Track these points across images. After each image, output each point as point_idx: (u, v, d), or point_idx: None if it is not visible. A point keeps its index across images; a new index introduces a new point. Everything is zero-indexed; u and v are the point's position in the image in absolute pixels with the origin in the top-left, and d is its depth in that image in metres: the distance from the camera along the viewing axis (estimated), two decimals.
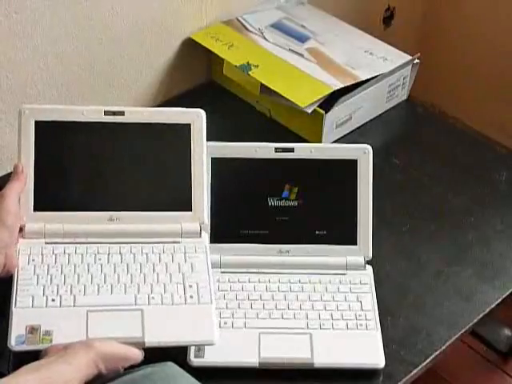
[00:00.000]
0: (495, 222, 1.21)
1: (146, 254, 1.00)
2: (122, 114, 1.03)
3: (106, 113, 1.02)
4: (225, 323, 0.99)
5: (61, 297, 0.93)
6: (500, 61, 1.78)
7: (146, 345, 0.90)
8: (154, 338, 0.91)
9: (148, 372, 0.89)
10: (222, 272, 1.04)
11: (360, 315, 1.01)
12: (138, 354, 0.90)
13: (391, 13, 1.80)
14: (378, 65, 1.37)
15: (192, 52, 1.43)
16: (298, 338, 0.98)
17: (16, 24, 1.18)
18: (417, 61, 1.41)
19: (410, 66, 1.41)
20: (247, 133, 1.31)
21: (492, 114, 1.79)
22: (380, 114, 1.42)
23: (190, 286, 0.96)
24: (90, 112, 1.02)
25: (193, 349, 0.96)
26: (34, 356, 0.86)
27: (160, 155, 1.03)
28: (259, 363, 0.96)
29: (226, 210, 1.06)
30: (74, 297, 0.94)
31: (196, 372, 0.93)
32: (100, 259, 0.98)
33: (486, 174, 1.30)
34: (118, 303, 0.94)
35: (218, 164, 1.05)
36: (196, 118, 1.04)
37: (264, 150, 1.07)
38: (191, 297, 0.95)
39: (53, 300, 0.93)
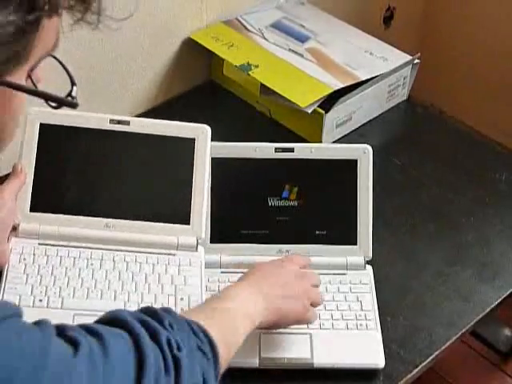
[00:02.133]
0: (495, 222, 1.21)
1: (140, 264, 0.99)
2: (127, 123, 1.03)
3: (112, 121, 1.02)
4: None
5: (48, 298, 0.93)
6: (500, 61, 1.78)
7: None
8: None
9: None
10: (222, 272, 1.04)
11: (360, 315, 1.01)
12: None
13: (391, 13, 1.80)
14: (377, 65, 1.36)
15: (192, 52, 1.43)
16: (297, 338, 0.98)
17: None
18: (417, 61, 1.41)
19: (410, 66, 1.41)
20: (247, 133, 1.31)
21: (492, 114, 1.79)
22: (380, 114, 1.42)
23: (182, 299, 0.96)
24: (96, 119, 1.02)
25: None
26: None
27: (162, 167, 1.04)
28: (259, 363, 0.96)
29: (226, 210, 1.06)
30: (62, 299, 0.93)
31: None
32: (92, 264, 0.98)
33: (486, 173, 1.30)
34: (106, 309, 0.92)
35: (218, 164, 1.05)
36: (201, 134, 1.04)
37: (264, 149, 1.07)
38: (181, 310, 0.94)
39: (40, 300, 0.92)
